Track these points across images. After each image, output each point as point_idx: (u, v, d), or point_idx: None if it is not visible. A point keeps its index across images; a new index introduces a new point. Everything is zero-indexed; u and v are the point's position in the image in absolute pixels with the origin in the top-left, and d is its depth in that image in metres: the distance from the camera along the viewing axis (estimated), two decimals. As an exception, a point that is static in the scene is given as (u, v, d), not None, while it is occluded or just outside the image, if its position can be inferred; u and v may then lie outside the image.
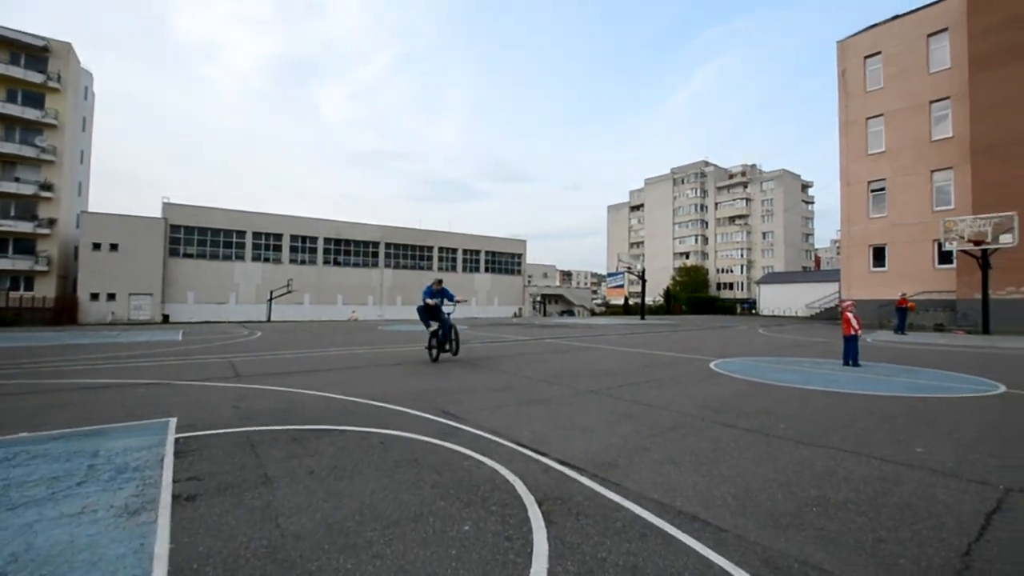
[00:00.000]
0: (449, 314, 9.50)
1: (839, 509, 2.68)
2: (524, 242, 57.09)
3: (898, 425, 4.56)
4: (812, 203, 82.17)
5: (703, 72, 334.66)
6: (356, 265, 45.94)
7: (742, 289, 73.83)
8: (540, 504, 2.72)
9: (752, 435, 4.19)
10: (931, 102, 26.03)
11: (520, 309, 54.61)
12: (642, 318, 33.44)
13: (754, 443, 3.95)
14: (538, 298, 61.72)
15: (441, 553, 2.19)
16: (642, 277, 34.70)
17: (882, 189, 27.55)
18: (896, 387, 6.64)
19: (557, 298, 64.79)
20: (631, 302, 55.63)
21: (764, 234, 75.30)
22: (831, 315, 32.80)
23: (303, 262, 43.48)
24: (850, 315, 8.77)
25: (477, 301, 51.49)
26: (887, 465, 3.44)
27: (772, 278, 55.19)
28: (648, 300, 58.65)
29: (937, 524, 2.50)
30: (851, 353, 8.67)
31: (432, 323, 9.30)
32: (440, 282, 9.72)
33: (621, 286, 55.63)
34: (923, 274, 25.33)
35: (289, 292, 38.31)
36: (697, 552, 2.20)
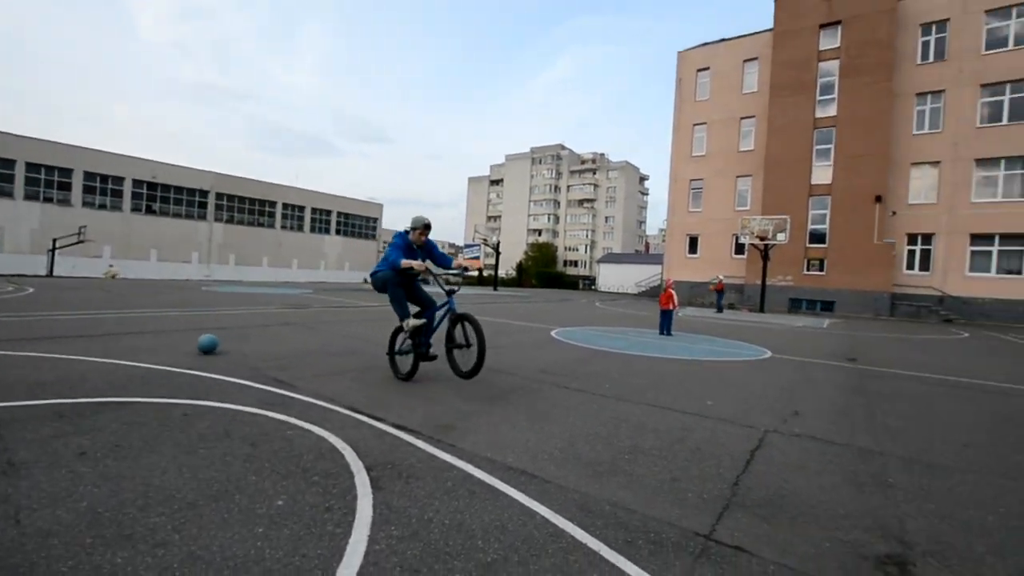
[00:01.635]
0: (452, 292, 4.81)
1: (646, 456, 3.02)
2: (381, 206, 54.53)
3: (696, 383, 5.36)
4: (647, 194, 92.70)
5: (568, 58, 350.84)
6: (178, 216, 39.09)
7: (586, 267, 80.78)
8: (369, 470, 2.57)
9: (582, 395, 4.55)
10: (741, 118, 30.79)
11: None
12: (495, 289, 34.55)
13: (583, 402, 4.29)
14: (394, 266, 59.83)
15: (244, 533, 1.92)
16: (497, 250, 35.71)
17: (700, 188, 32.07)
18: (697, 352, 7.85)
19: (413, 267, 63.54)
20: (485, 274, 57.06)
21: (607, 218, 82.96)
22: (655, 292, 37.70)
23: (103, 207, 35.59)
24: (672, 292, 10.11)
25: (326, 265, 48.02)
26: (686, 416, 3.99)
27: (610, 258, 61.26)
28: (501, 273, 60.87)
29: (717, 462, 2.96)
30: (666, 324, 10.01)
31: (407, 307, 4.84)
32: (422, 230, 4.84)
33: (477, 257, 56.69)
34: (724, 261, 30.29)
35: (81, 242, 31.15)
36: (521, 504, 2.27)
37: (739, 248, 28.99)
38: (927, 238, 25.05)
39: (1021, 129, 23.21)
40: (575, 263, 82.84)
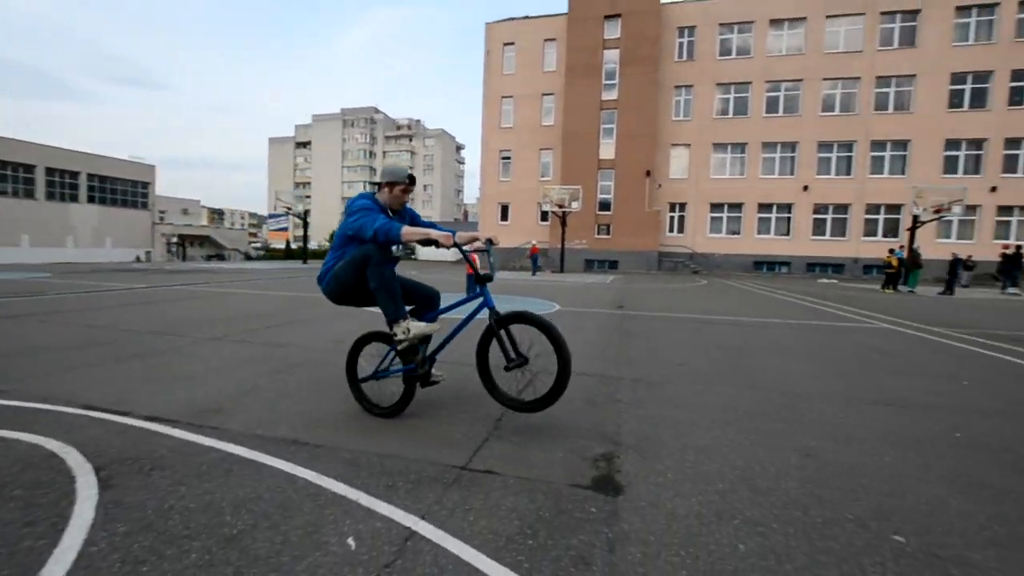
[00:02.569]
0: (488, 280, 3.02)
1: (426, 407, 3.22)
2: (152, 168, 45.02)
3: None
4: (464, 163, 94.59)
5: (380, 15, 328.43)
6: None
7: (406, 237, 79.49)
8: (99, 471, 2.22)
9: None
10: (543, 94, 33.19)
11: (147, 253, 43.53)
12: (304, 262, 31.92)
13: (376, 367, 4.33)
14: (174, 239, 50.56)
15: None
16: (305, 220, 32.83)
17: (509, 158, 33.95)
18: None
19: (203, 240, 54.60)
20: (295, 246, 52.20)
21: (425, 186, 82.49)
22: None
23: None
24: (476, 256, 10.64)
25: (76, 241, 38.09)
26: (468, 368, 4.33)
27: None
28: (314, 244, 56.40)
29: (487, 404, 3.31)
30: (471, 287, 10.57)
31: (402, 300, 2.94)
32: (406, 186, 2.97)
33: (285, 229, 51.40)
34: (532, 228, 32.89)
35: None
36: (285, 472, 2.24)
37: (543, 215, 31.75)
38: (682, 206, 30.84)
39: (740, 121, 29.80)
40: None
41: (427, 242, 2.69)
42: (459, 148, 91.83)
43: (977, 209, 26.45)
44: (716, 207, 30.40)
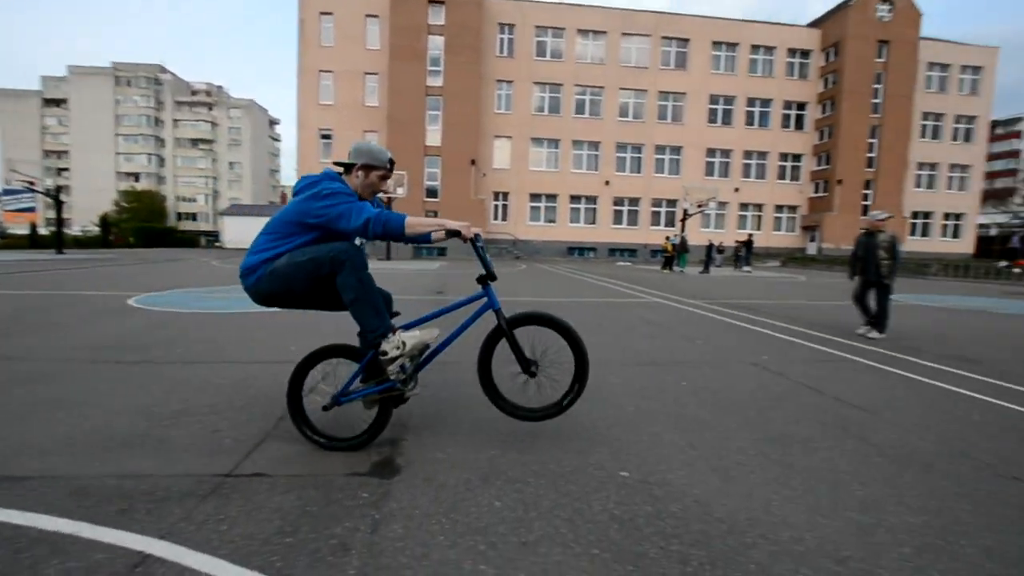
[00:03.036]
0: (492, 279, 2.60)
1: (192, 416, 2.86)
2: None
3: (276, 333, 5.40)
4: (279, 140, 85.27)
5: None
6: None
7: (208, 220, 68.95)
8: None
9: (140, 367, 3.90)
10: (366, 73, 31.57)
11: None
12: (59, 252, 25.47)
13: (136, 375, 3.68)
14: None
15: None
16: (57, 198, 26.11)
17: (329, 137, 31.66)
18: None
19: None
20: (45, 231, 41.29)
21: (231, 164, 72.27)
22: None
23: None
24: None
25: None
26: (255, 366, 3.98)
27: (238, 210, 53.99)
28: (77, 230, 45.42)
29: (270, 403, 3.08)
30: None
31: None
32: (382, 172, 2.44)
33: (30, 209, 40.25)
34: (358, 215, 31.23)
35: None
36: (-33, 517, 1.77)
37: (370, 201, 30.40)
38: (505, 195, 32.56)
39: (555, 119, 32.50)
40: (193, 216, 69.53)
41: (415, 238, 2.36)
42: (273, 123, 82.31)
43: (726, 205, 33.42)
44: (535, 197, 32.83)
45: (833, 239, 32.57)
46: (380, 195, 2.66)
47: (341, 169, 2.44)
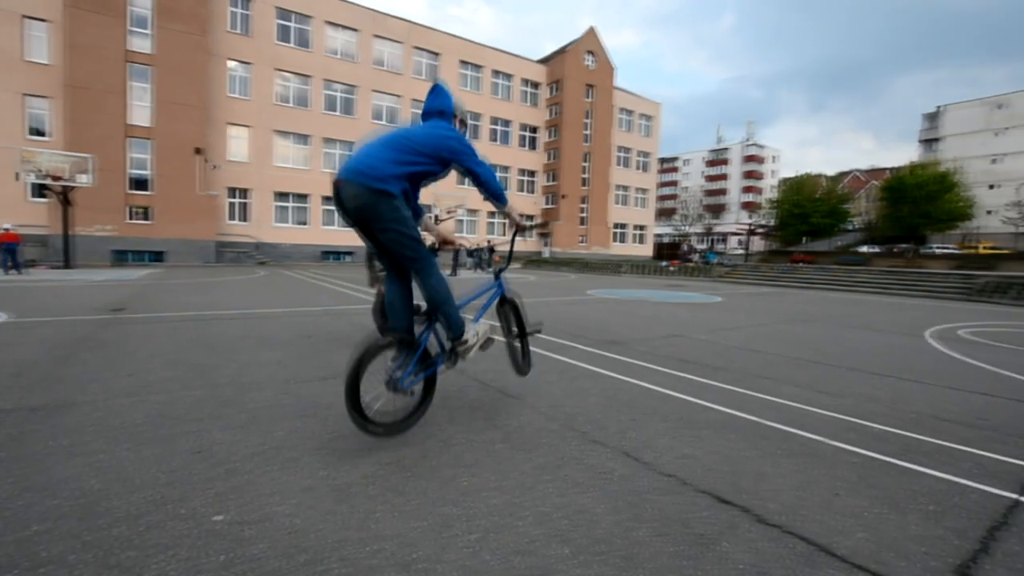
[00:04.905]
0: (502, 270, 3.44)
1: None
2: None
3: None
4: None
5: None
6: None
7: None
8: None
9: None
10: (25, 16, 23.59)
11: None
12: None
13: None
14: None
15: None
16: None
17: (-43, 97, 22.63)
18: None
19: None
20: None
21: None
22: None
23: None
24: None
25: None
26: None
27: None
28: None
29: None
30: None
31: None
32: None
33: None
34: (17, 206, 23.20)
35: None
36: None
37: (39, 190, 22.93)
38: (245, 192, 28.65)
39: (302, 113, 30.07)
40: None
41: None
42: None
43: (477, 212, 36.32)
44: (282, 196, 29.77)
45: (561, 244, 38.73)
46: None
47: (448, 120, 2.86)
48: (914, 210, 41.65)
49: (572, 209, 39.75)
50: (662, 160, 74.09)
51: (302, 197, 30.12)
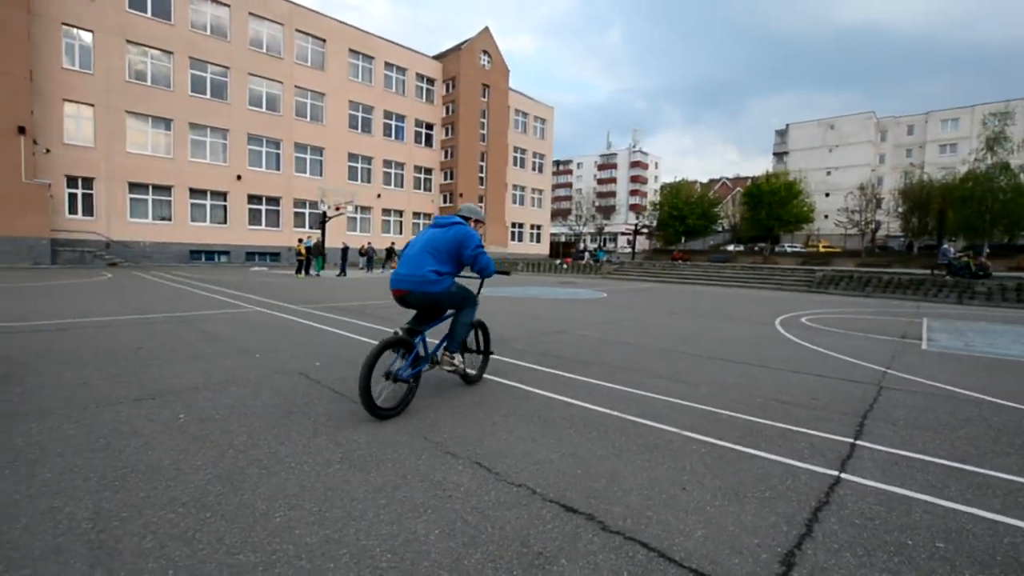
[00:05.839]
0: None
1: None
2: None
3: None
4: None
5: None
6: None
7: None
8: None
9: None
10: None
11: None
12: None
13: None
14: None
15: None
16: None
17: None
18: None
19: None
20: None
21: None
22: None
23: None
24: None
25: None
26: None
27: None
28: None
29: None
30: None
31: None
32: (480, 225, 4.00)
33: None
34: None
35: None
36: None
37: None
38: (88, 182, 24.55)
39: (163, 93, 26.48)
40: None
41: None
42: None
43: (370, 210, 34.73)
44: (139, 187, 25.94)
45: (460, 244, 38.20)
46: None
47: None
48: (770, 213, 47.42)
49: (470, 208, 39.62)
50: (557, 163, 76.82)
51: (164, 189, 26.46)
